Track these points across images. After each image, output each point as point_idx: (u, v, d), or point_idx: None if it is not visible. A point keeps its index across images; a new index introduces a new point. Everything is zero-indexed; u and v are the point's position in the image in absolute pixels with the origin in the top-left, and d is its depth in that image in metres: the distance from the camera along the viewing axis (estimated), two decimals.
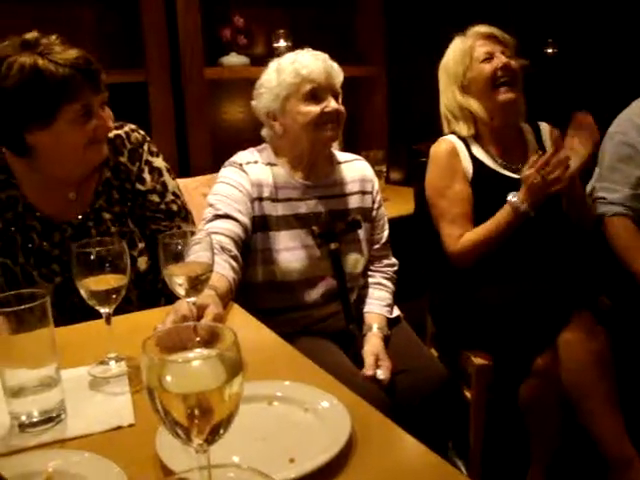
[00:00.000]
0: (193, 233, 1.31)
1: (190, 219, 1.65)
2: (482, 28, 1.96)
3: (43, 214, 1.50)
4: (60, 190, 1.52)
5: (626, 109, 2.10)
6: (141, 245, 1.56)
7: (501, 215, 1.85)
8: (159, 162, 1.62)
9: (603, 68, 3.49)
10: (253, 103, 1.83)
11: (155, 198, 1.59)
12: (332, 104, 1.73)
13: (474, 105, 1.95)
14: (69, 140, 1.40)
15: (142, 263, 1.55)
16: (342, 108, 1.76)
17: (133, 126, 1.63)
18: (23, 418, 0.95)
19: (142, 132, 1.64)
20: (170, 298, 1.35)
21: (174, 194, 1.62)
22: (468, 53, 1.94)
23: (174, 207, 1.60)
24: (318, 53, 1.76)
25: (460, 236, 1.88)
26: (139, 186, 1.58)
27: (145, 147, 1.60)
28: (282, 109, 1.74)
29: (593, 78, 3.49)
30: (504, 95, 1.92)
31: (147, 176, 1.59)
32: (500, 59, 1.91)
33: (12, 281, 1.46)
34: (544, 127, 2.10)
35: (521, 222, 1.83)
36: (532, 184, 1.79)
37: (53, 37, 1.39)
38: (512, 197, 1.83)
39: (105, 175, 1.55)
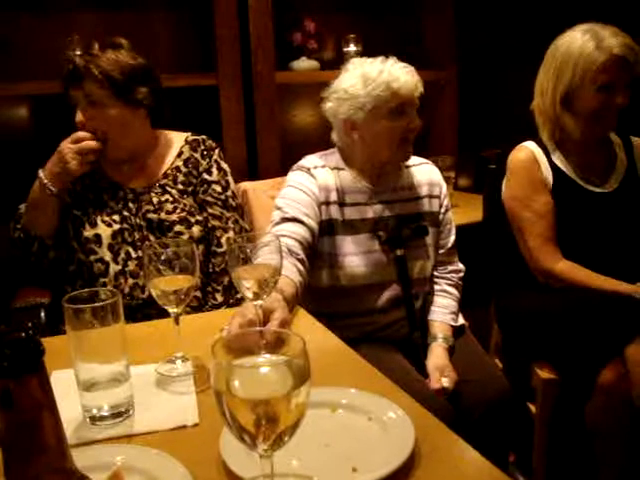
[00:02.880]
0: (246, 230, 1.86)
1: (245, 218, 1.91)
2: (618, 48, 1.72)
3: (112, 180, 1.78)
4: (126, 165, 1.80)
5: None
6: (198, 217, 1.76)
7: (613, 285, 1.75)
8: (226, 166, 1.86)
9: None
10: (328, 105, 1.78)
11: (218, 188, 1.80)
12: (417, 121, 1.71)
13: (569, 122, 1.84)
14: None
15: (195, 231, 1.74)
16: (421, 123, 1.74)
17: (206, 137, 1.88)
18: (94, 411, 0.98)
19: (215, 144, 1.89)
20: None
21: (234, 193, 1.85)
22: (592, 70, 1.75)
23: (232, 202, 1.82)
24: (406, 65, 1.71)
25: (554, 253, 1.82)
26: (206, 176, 1.80)
27: (216, 151, 1.85)
28: (365, 121, 1.70)
29: None
30: (604, 129, 1.85)
31: (215, 171, 1.81)
32: (618, 97, 1.76)
33: (79, 226, 1.73)
34: (637, 142, 1.99)
35: (623, 300, 1.69)
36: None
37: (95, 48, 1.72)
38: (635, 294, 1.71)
39: (176, 163, 1.81)
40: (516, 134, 1.98)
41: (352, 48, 2.73)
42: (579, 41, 1.77)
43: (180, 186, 1.78)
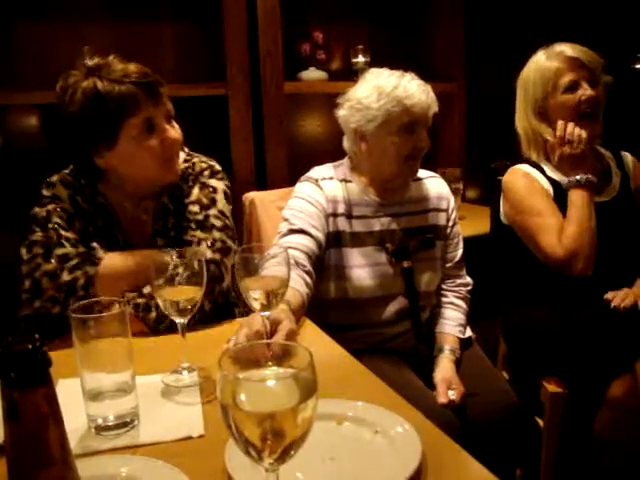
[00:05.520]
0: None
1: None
2: (568, 50, 1.85)
3: (124, 230, 1.55)
4: (137, 207, 1.57)
5: None
6: None
7: (571, 201, 1.81)
8: (216, 183, 1.60)
9: None
10: (341, 113, 1.77)
11: (194, 208, 1.55)
12: (426, 141, 1.71)
13: (548, 134, 1.89)
14: (137, 157, 1.44)
15: None
16: (429, 143, 1.73)
17: (204, 158, 1.65)
18: (99, 421, 0.98)
19: (211, 163, 1.64)
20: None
21: (222, 213, 1.55)
22: (551, 79, 1.85)
23: (214, 222, 1.53)
24: (422, 83, 1.70)
25: (559, 241, 1.80)
26: (185, 200, 1.56)
27: (206, 172, 1.60)
28: (374, 133, 1.70)
29: None
30: (586, 129, 1.84)
31: (195, 190, 1.57)
32: (585, 91, 1.83)
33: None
34: (627, 156, 2.02)
35: (594, 194, 1.82)
36: (566, 156, 1.82)
37: (111, 57, 1.44)
38: (565, 185, 1.85)
39: (162, 200, 1.56)
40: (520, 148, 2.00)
41: (361, 59, 2.75)
42: (534, 60, 1.91)
43: (172, 233, 1.55)
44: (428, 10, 3.07)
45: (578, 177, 1.81)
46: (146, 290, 1.40)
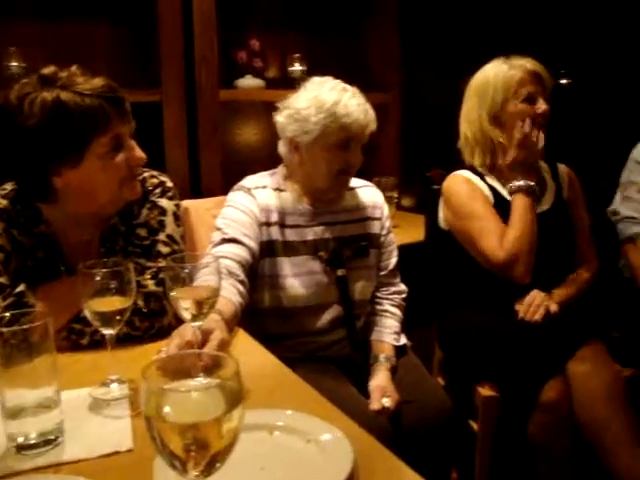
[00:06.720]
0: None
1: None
2: (529, 64, 1.90)
3: (66, 259, 1.44)
4: (85, 230, 1.46)
5: None
6: None
7: (515, 206, 1.86)
8: (167, 203, 1.50)
9: (620, 98, 3.49)
10: (279, 119, 1.74)
11: (142, 232, 1.46)
12: (359, 158, 1.72)
13: (501, 138, 1.93)
14: (101, 177, 1.34)
15: None
16: (362, 160, 1.73)
17: (155, 172, 1.56)
18: (20, 440, 0.94)
19: (163, 178, 1.55)
20: None
21: (171, 238, 1.46)
22: (513, 87, 1.89)
23: (163, 249, 1.44)
24: (363, 102, 1.69)
25: (500, 244, 1.83)
26: (134, 222, 1.47)
27: (157, 190, 1.51)
28: (309, 146, 1.69)
29: (610, 108, 3.49)
30: (537, 140, 1.91)
31: (144, 211, 1.47)
32: (541, 105, 1.88)
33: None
34: (561, 168, 2.09)
35: (533, 200, 1.88)
36: (520, 160, 1.88)
37: (73, 68, 1.32)
38: (509, 188, 1.90)
39: (112, 221, 1.46)
40: (459, 155, 2.04)
41: (297, 67, 2.76)
42: (492, 69, 1.94)
43: (119, 257, 1.39)
44: (364, 20, 3.10)
45: (522, 183, 1.87)
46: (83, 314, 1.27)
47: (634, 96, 3.38)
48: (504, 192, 1.95)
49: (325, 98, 1.66)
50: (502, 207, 1.91)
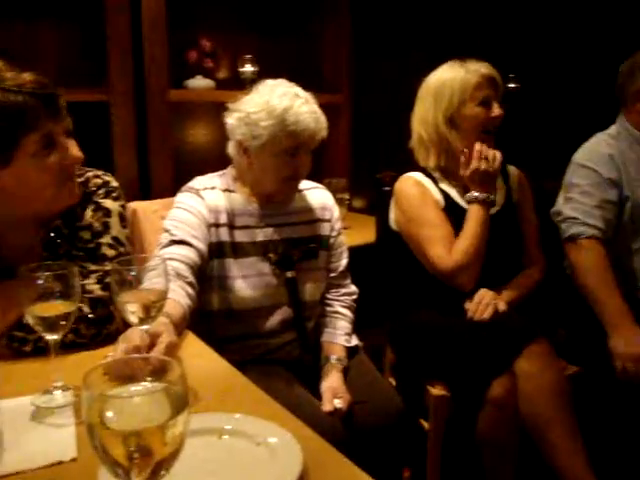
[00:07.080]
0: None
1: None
2: (484, 68, 1.93)
3: (6, 264, 1.35)
4: (25, 233, 1.40)
5: (591, 139, 2.14)
6: None
7: (470, 216, 1.89)
8: (111, 204, 1.46)
9: (566, 102, 3.58)
10: (229, 121, 1.72)
11: (86, 234, 1.41)
12: (308, 164, 1.71)
13: (456, 140, 1.94)
14: (34, 177, 1.29)
15: None
16: (310, 166, 1.73)
17: (99, 172, 1.51)
18: None
19: (107, 178, 1.50)
20: None
21: (116, 240, 1.43)
22: (468, 90, 1.91)
23: (108, 252, 1.40)
24: (315, 109, 1.68)
25: (449, 253, 1.86)
26: (77, 224, 1.42)
27: (101, 191, 1.46)
28: (257, 151, 1.68)
29: (556, 113, 3.58)
30: (488, 144, 1.93)
31: (89, 213, 1.43)
32: (495, 110, 1.92)
33: None
34: (512, 170, 2.13)
35: (489, 211, 1.90)
36: (481, 171, 1.89)
37: (0, 63, 1.27)
38: (467, 197, 1.92)
39: (55, 223, 1.41)
40: (411, 156, 2.05)
41: (248, 68, 2.74)
42: (448, 71, 1.96)
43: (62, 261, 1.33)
44: (316, 21, 3.11)
45: (479, 194, 1.90)
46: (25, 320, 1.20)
47: (579, 101, 3.48)
48: (456, 196, 1.98)
49: (276, 104, 1.63)
50: (452, 211, 1.94)
